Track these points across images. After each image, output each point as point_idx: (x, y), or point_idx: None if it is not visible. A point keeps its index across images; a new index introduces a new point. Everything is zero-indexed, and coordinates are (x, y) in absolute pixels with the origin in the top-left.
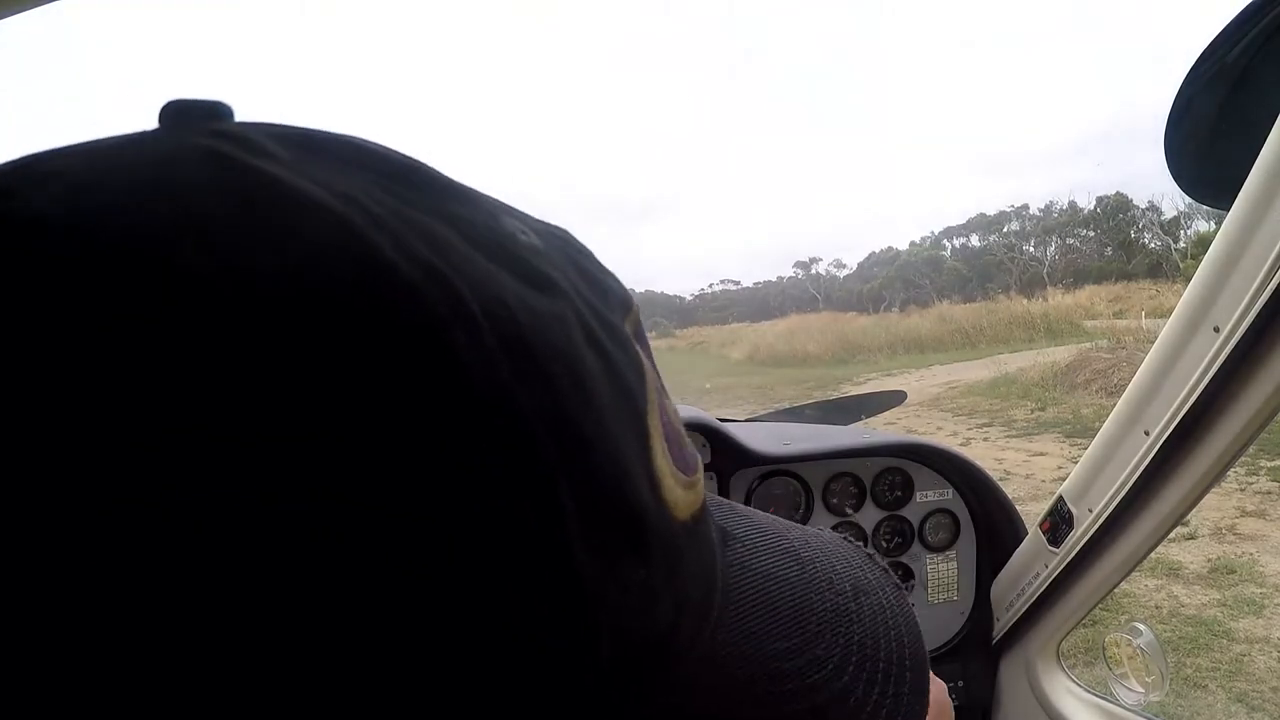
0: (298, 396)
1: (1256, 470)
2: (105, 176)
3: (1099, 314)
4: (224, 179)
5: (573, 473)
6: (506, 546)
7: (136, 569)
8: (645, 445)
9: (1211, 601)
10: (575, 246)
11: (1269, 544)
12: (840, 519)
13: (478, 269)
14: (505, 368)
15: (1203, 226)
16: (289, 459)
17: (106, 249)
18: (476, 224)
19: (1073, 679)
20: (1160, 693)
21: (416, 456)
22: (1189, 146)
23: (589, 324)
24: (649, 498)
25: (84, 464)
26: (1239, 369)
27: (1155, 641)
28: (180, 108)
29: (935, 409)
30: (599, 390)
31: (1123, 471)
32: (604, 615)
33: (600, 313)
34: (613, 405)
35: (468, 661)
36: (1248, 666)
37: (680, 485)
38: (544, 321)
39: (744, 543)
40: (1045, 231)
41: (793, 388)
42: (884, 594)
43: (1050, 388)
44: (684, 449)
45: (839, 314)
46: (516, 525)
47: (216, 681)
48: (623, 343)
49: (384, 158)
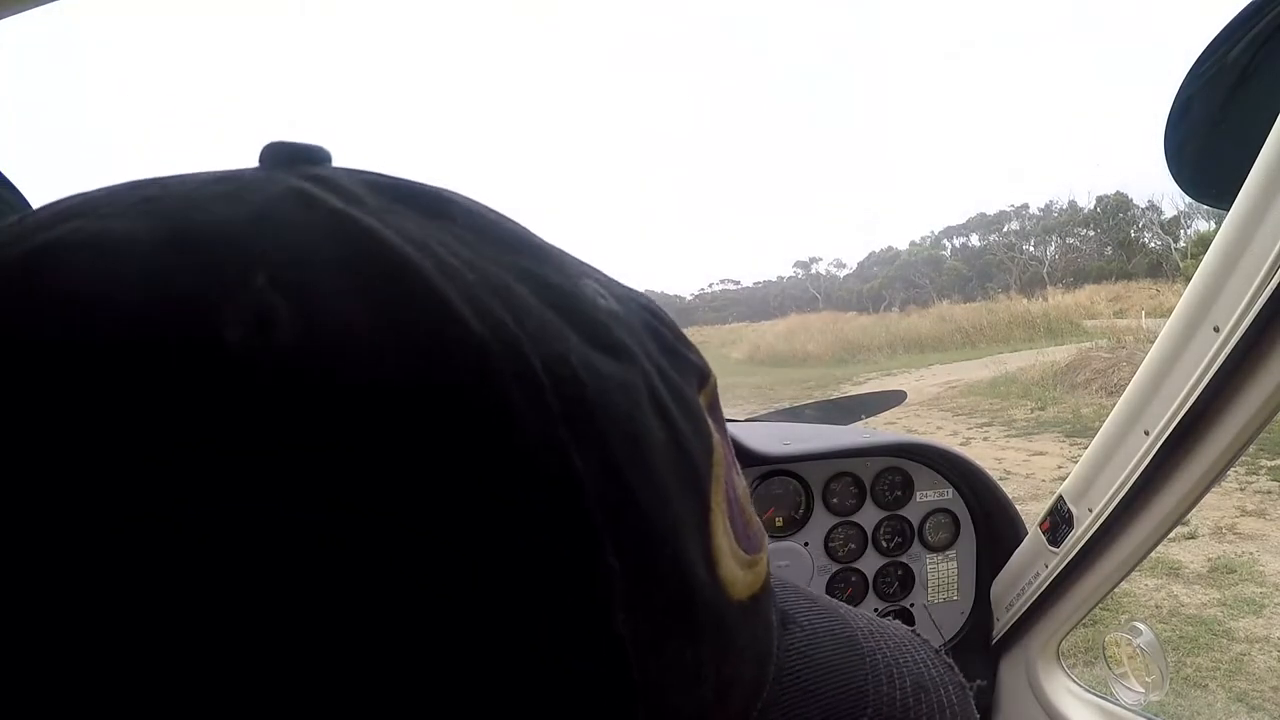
0: (341, 429)
1: (1256, 470)
2: (187, 203)
3: (1099, 313)
4: (310, 219)
5: (620, 534)
6: (543, 590)
7: (150, 583)
8: (705, 520)
9: (1211, 601)
10: (658, 315)
11: (1269, 543)
12: (840, 519)
13: (547, 328)
14: (562, 426)
15: (1203, 226)
16: (307, 471)
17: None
18: (552, 283)
19: (1073, 679)
20: (1160, 692)
21: (448, 483)
22: (1189, 146)
23: (659, 393)
24: (704, 574)
25: (100, 480)
26: (1239, 369)
27: (1155, 641)
28: (280, 149)
29: (935, 409)
30: (660, 460)
31: (1123, 471)
32: (641, 684)
33: (673, 383)
34: (673, 477)
35: (493, 696)
36: (1248, 666)
37: (740, 564)
38: (608, 385)
39: (804, 628)
40: (1045, 231)
41: (793, 387)
42: (946, 692)
43: (1050, 387)
44: (749, 526)
45: (839, 314)
46: (555, 570)
47: (231, 694)
48: (693, 415)
49: (468, 210)
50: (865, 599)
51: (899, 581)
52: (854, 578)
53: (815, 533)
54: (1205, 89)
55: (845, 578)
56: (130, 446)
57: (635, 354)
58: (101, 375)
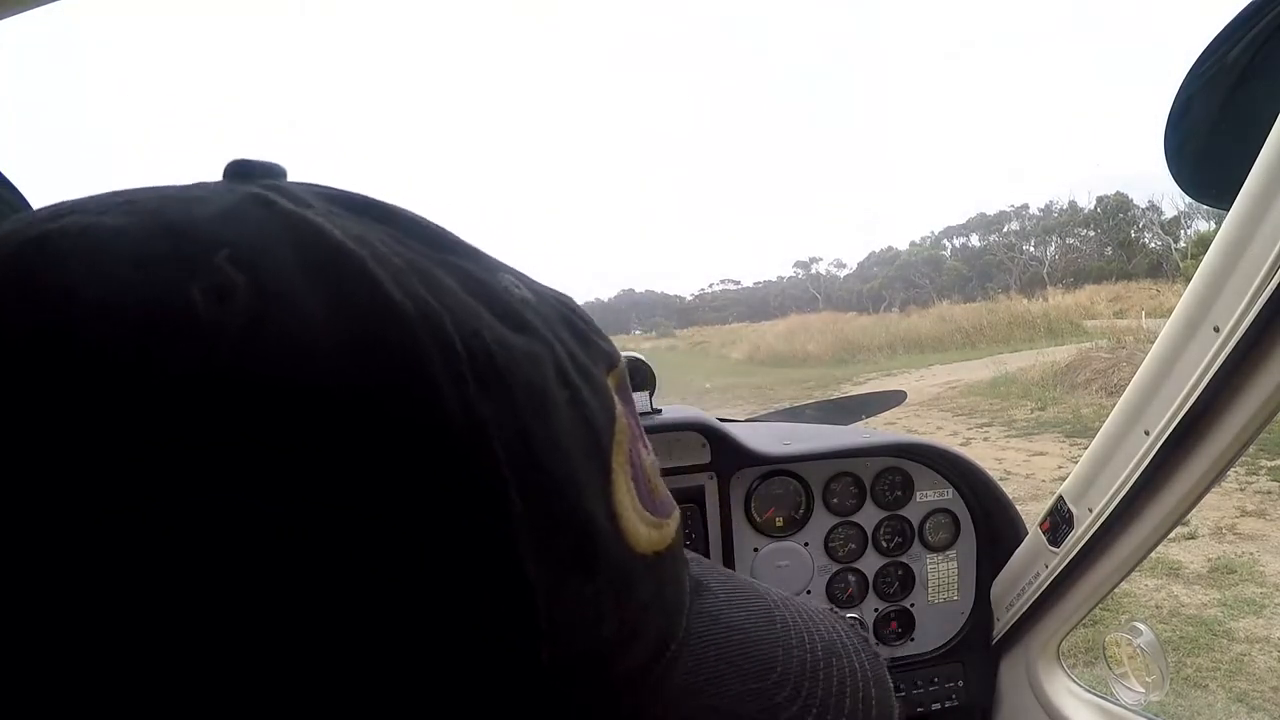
0: (275, 406)
1: (1256, 470)
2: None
3: (1099, 314)
4: (266, 215)
5: (525, 480)
6: (459, 541)
7: (124, 573)
8: (606, 477)
9: (1211, 601)
10: (573, 309)
11: (1269, 544)
12: (840, 519)
13: (465, 307)
14: (473, 387)
15: (1203, 226)
16: (265, 466)
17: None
18: (473, 275)
19: (1073, 679)
20: (1160, 692)
21: (384, 461)
22: (1189, 146)
23: (563, 365)
24: (604, 523)
25: (79, 476)
26: (1239, 369)
27: (1155, 641)
28: (241, 165)
29: (935, 409)
30: (562, 422)
31: (1123, 471)
32: (546, 619)
33: (578, 359)
34: (574, 434)
35: (417, 652)
36: (1248, 666)
37: (644, 523)
38: (516, 355)
39: (718, 595)
40: (1045, 231)
41: (793, 388)
42: (859, 657)
43: (1050, 387)
44: (655, 493)
45: (839, 314)
46: (471, 523)
47: (198, 671)
48: (598, 390)
49: (408, 218)
50: (865, 599)
51: (899, 581)
52: (854, 578)
53: (815, 533)
54: (1205, 89)
55: (845, 578)
56: (108, 443)
57: (544, 334)
58: (84, 366)
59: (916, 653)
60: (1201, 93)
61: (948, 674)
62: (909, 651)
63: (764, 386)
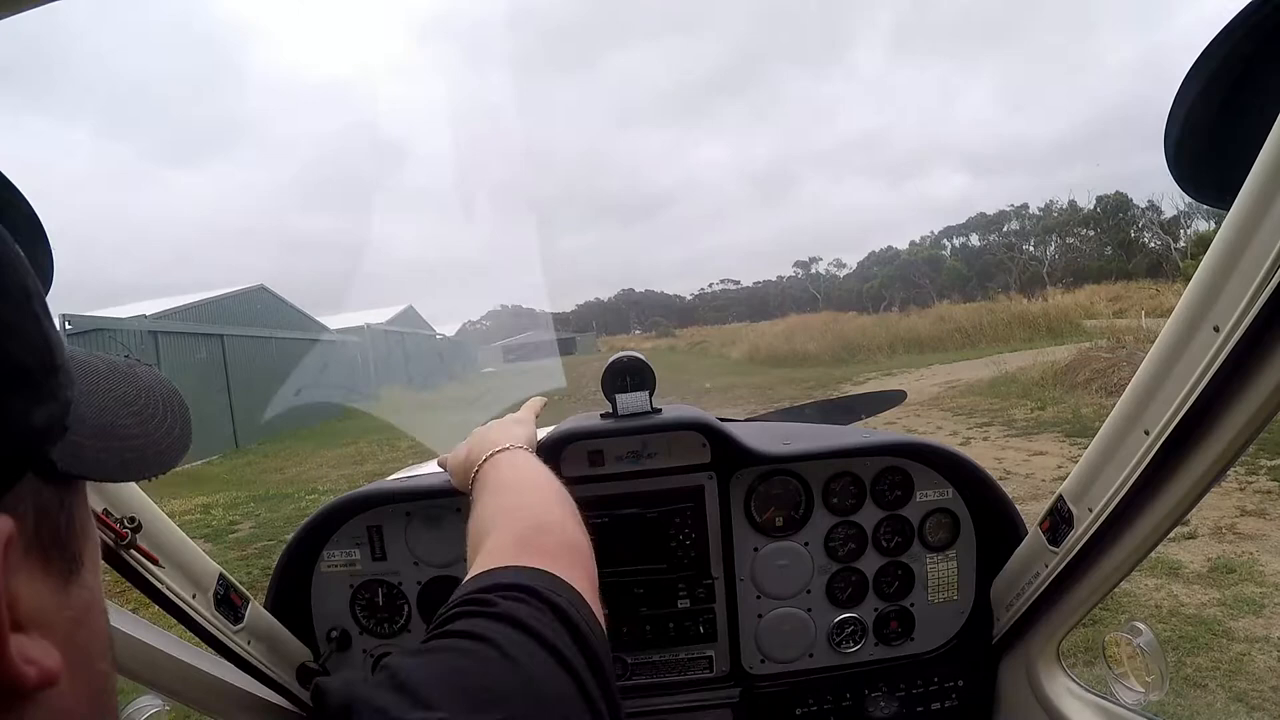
0: None
1: (1256, 470)
2: None
3: (1099, 313)
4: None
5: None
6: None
7: None
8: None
9: (1211, 601)
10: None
11: (1269, 543)
12: (840, 518)
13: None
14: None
15: (1203, 226)
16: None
17: None
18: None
19: (1073, 678)
20: (1160, 692)
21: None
22: (1189, 146)
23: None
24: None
25: None
26: (1239, 369)
27: (1155, 641)
28: None
29: (935, 408)
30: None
31: (1123, 471)
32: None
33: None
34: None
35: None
36: (1247, 666)
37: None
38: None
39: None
40: (1045, 231)
41: (793, 387)
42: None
43: (1050, 387)
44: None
45: (839, 313)
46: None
47: None
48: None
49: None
50: (865, 599)
51: (899, 581)
52: (854, 577)
53: (815, 532)
54: (1205, 89)
55: (845, 577)
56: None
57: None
58: None
59: (916, 652)
60: (1201, 93)
61: (948, 674)
62: (909, 651)
63: (764, 386)
